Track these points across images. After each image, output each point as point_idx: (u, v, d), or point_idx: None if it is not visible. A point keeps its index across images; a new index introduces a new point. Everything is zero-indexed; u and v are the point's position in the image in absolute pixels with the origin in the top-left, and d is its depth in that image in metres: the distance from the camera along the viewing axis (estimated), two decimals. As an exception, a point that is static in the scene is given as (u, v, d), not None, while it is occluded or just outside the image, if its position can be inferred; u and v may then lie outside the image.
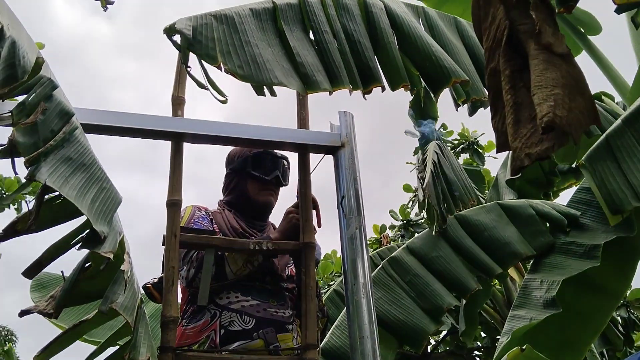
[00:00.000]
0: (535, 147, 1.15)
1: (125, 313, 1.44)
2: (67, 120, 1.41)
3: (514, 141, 1.19)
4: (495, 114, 1.35)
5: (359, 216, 1.87)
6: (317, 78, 1.90)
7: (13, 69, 1.24)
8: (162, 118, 1.81)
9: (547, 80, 1.14)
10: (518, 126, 1.19)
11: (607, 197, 2.57)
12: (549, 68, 1.17)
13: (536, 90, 1.14)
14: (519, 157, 1.17)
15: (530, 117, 1.17)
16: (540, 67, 1.17)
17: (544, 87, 1.13)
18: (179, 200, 1.80)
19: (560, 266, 3.15)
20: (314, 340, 1.77)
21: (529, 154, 1.15)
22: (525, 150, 1.16)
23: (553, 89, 1.13)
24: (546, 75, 1.15)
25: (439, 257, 3.47)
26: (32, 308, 1.47)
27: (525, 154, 1.16)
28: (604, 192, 2.57)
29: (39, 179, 1.26)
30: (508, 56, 1.28)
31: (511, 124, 1.21)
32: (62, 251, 1.51)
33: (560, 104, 1.11)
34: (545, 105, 1.10)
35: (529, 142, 1.16)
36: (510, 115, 1.22)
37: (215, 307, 1.98)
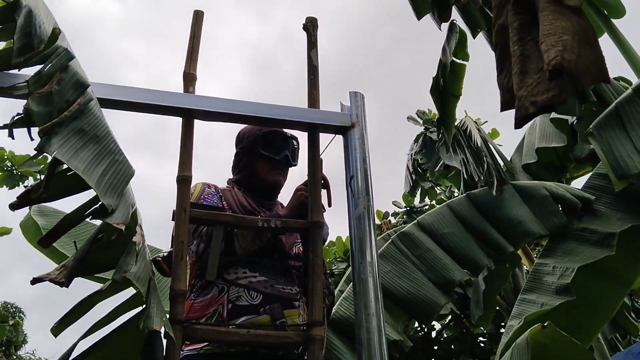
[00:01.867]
0: (542, 95, 1.12)
1: (139, 283, 1.46)
2: (83, 91, 1.42)
3: (520, 90, 1.17)
4: (502, 71, 1.32)
5: (367, 196, 1.88)
6: None
7: (29, 38, 1.25)
8: (173, 94, 1.82)
9: (555, 28, 1.11)
10: (524, 76, 1.16)
11: (613, 163, 2.53)
12: (559, 18, 1.14)
13: (544, 38, 1.11)
14: (524, 105, 1.15)
15: (538, 68, 1.14)
16: (550, 17, 1.14)
17: (553, 34, 1.10)
18: (189, 176, 1.81)
19: (574, 252, 3.12)
20: (320, 317, 1.79)
21: (535, 102, 1.13)
22: (530, 99, 1.13)
23: (562, 36, 1.10)
24: (555, 24, 1.12)
25: (451, 233, 3.45)
26: (44, 276, 1.49)
27: (530, 101, 1.13)
28: (611, 158, 2.54)
29: (47, 151, 1.27)
30: (517, 10, 1.25)
31: (517, 74, 1.18)
32: (77, 221, 1.54)
33: (569, 49, 1.08)
34: (553, 50, 1.07)
35: (535, 91, 1.13)
36: (516, 66, 1.19)
37: (223, 282, 2.01)
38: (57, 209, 3.94)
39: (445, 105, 4.16)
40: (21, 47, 1.26)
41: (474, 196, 3.65)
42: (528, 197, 3.57)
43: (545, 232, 3.37)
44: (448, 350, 7.12)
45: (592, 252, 3.03)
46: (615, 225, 3.07)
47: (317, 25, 2.11)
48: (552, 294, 2.93)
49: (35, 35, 1.29)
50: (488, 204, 3.57)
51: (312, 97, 2.03)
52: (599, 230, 3.13)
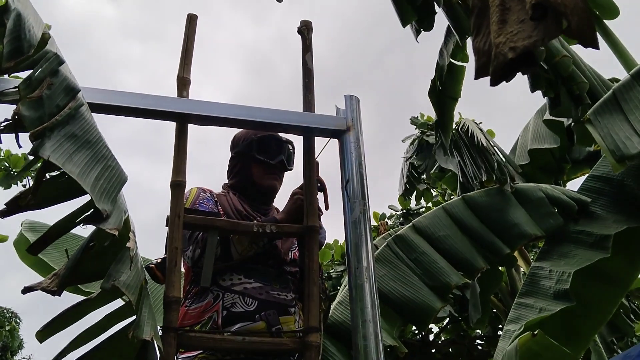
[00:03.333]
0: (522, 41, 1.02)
1: (128, 291, 1.43)
2: (73, 96, 1.40)
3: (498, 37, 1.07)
4: (478, 33, 1.21)
5: (363, 200, 1.86)
6: None
7: (19, 42, 1.23)
8: (166, 98, 1.80)
9: None
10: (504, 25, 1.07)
11: (612, 146, 2.51)
12: None
13: None
14: (502, 52, 1.04)
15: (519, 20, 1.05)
16: None
17: None
18: (183, 181, 1.79)
19: (570, 255, 3.11)
20: (316, 324, 1.77)
21: (514, 47, 1.03)
22: (509, 44, 1.03)
23: None
24: None
25: (446, 236, 3.43)
26: (36, 285, 1.47)
27: (509, 47, 1.03)
28: (609, 142, 2.51)
29: (42, 154, 1.25)
30: None
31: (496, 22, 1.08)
32: (68, 228, 1.52)
33: None
34: None
35: (515, 38, 1.04)
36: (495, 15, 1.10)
37: (218, 288, 1.99)
38: (48, 224, 3.92)
39: (443, 108, 4.15)
40: (11, 51, 1.24)
41: (470, 198, 3.64)
42: (524, 199, 3.56)
43: (541, 233, 3.36)
44: (446, 354, 7.11)
45: (588, 254, 3.02)
46: (611, 228, 3.06)
47: (312, 29, 2.10)
48: (550, 299, 2.91)
49: (25, 40, 1.27)
50: (484, 206, 3.56)
51: (307, 100, 2.02)
52: (594, 232, 3.12)
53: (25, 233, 3.79)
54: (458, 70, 4.09)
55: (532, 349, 2.37)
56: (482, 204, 3.58)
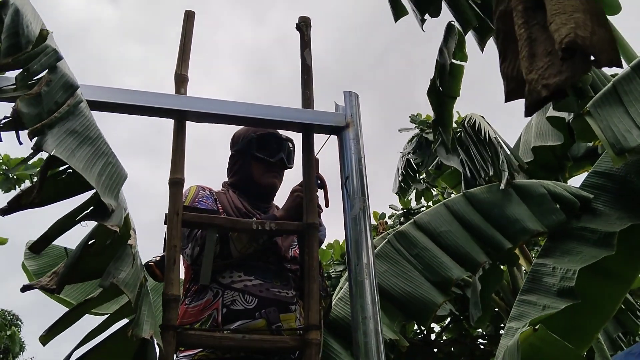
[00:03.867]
0: (554, 77, 1.06)
1: (127, 289, 1.43)
2: (72, 93, 1.39)
3: (529, 73, 1.10)
4: (505, 59, 1.25)
5: (363, 197, 1.85)
6: None
7: (16, 37, 1.23)
8: (164, 95, 1.79)
9: (565, 7, 1.05)
10: (533, 59, 1.10)
11: (612, 139, 2.49)
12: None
13: (553, 17, 1.05)
14: (535, 89, 1.08)
15: (547, 51, 1.08)
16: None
17: (562, 13, 1.04)
18: (182, 179, 1.78)
19: (573, 252, 3.08)
20: (316, 321, 1.76)
21: (547, 85, 1.06)
22: (542, 82, 1.07)
23: (572, 14, 1.04)
24: (564, 3, 1.06)
25: (448, 232, 3.40)
26: (35, 283, 1.47)
27: (542, 85, 1.07)
28: (609, 135, 2.50)
29: (45, 149, 1.25)
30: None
31: (525, 58, 1.11)
32: (69, 226, 1.51)
33: (582, 26, 1.01)
34: (565, 28, 1.00)
35: (546, 74, 1.07)
36: (524, 49, 1.12)
37: (218, 286, 1.98)
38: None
39: (443, 107, 4.14)
40: (8, 47, 1.23)
41: (471, 195, 3.63)
42: (526, 195, 3.54)
43: (543, 229, 3.34)
44: (448, 353, 7.09)
45: (592, 251, 2.99)
46: (615, 225, 3.03)
47: (311, 25, 2.09)
48: (554, 296, 2.88)
49: (23, 36, 1.26)
50: (485, 203, 3.54)
51: (306, 97, 2.01)
52: (598, 229, 3.09)
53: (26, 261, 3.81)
54: (457, 69, 4.08)
55: (534, 344, 2.35)
56: (484, 200, 3.56)
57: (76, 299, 3.56)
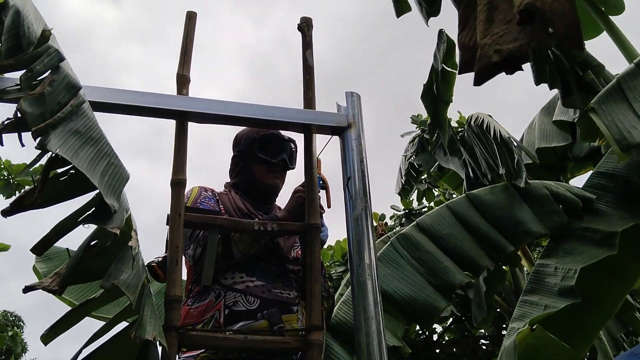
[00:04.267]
0: (508, 44, 1.01)
1: (128, 291, 1.42)
2: (75, 93, 1.39)
3: (483, 38, 1.05)
4: (464, 28, 1.20)
5: (365, 197, 1.85)
6: None
7: (17, 39, 1.23)
8: (166, 96, 1.79)
9: None
10: (490, 25, 1.05)
11: (617, 135, 2.48)
12: None
13: None
14: (487, 54, 1.03)
15: (505, 20, 1.03)
16: None
17: None
18: (183, 179, 1.78)
19: (575, 252, 3.08)
20: (318, 322, 1.76)
21: (500, 50, 1.01)
22: (495, 47, 1.02)
23: None
24: None
25: (450, 234, 3.41)
26: (37, 284, 1.46)
27: (495, 50, 1.01)
28: (614, 131, 2.49)
29: (49, 148, 1.25)
30: None
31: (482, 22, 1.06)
32: (70, 228, 1.51)
33: None
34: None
35: (501, 40, 1.02)
36: (482, 14, 1.08)
37: (220, 287, 1.98)
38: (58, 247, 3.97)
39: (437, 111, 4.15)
40: (10, 49, 1.23)
41: (474, 196, 3.62)
42: (528, 196, 3.54)
43: (545, 231, 3.34)
44: (450, 354, 7.09)
45: (594, 251, 2.99)
46: (617, 225, 3.03)
47: (312, 26, 2.09)
48: (555, 296, 2.88)
49: (24, 37, 1.26)
50: (488, 204, 3.54)
51: (307, 97, 2.01)
52: (600, 229, 3.09)
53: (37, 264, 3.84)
54: (449, 75, 4.08)
55: (531, 344, 2.36)
56: (487, 201, 3.56)
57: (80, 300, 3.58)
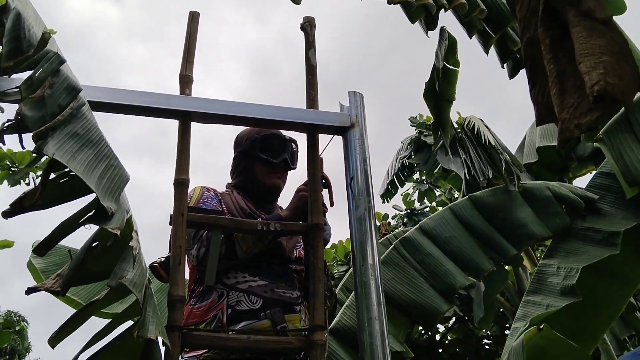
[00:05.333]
0: (585, 117, 1.10)
1: (135, 289, 1.43)
2: (75, 95, 1.39)
3: (561, 112, 1.15)
4: (534, 85, 1.30)
5: (368, 197, 1.85)
6: None
7: (18, 41, 1.23)
8: (169, 96, 1.79)
9: (592, 47, 1.09)
10: (564, 96, 1.15)
11: (624, 169, 2.51)
12: (593, 35, 1.12)
13: (582, 58, 1.09)
14: (568, 129, 1.13)
15: (575, 86, 1.13)
16: (584, 34, 1.12)
17: (590, 54, 1.08)
18: (187, 179, 1.78)
19: (578, 252, 3.08)
20: (321, 322, 1.76)
21: (579, 125, 1.11)
22: (574, 121, 1.12)
23: (600, 57, 1.08)
24: (591, 42, 1.10)
25: (453, 237, 3.43)
26: (40, 286, 1.47)
27: (574, 124, 1.11)
28: (621, 164, 2.51)
29: (46, 152, 1.25)
30: (547, 25, 1.23)
31: (556, 95, 1.16)
32: (72, 229, 1.51)
33: (610, 72, 1.06)
34: (595, 73, 1.05)
35: (577, 113, 1.12)
36: (555, 86, 1.17)
37: (223, 286, 1.98)
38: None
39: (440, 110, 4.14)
40: (10, 51, 1.23)
41: (476, 198, 3.62)
42: (531, 198, 3.55)
43: (548, 234, 3.35)
44: (453, 353, 7.08)
45: (597, 251, 3.00)
46: (620, 224, 3.03)
47: (315, 25, 2.09)
48: (557, 295, 2.89)
49: (25, 39, 1.26)
50: (491, 206, 3.55)
51: (310, 97, 2.01)
52: (603, 229, 3.09)
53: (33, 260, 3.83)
54: (451, 73, 4.07)
55: (538, 343, 2.36)
56: (489, 203, 3.57)
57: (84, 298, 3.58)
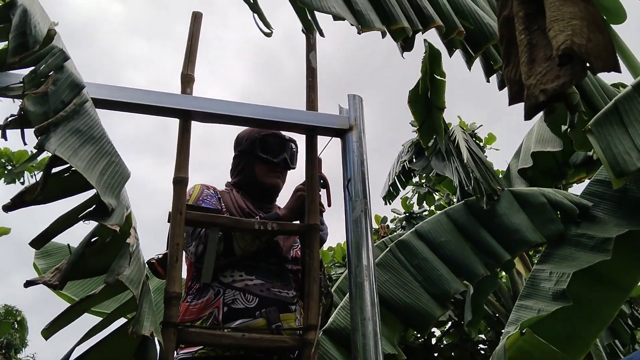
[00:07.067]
0: (552, 82, 1.09)
1: (132, 286, 1.44)
2: (78, 92, 1.41)
3: (528, 79, 1.14)
4: (508, 63, 1.29)
5: (364, 199, 1.87)
6: (370, 17, 1.90)
7: (24, 37, 1.25)
8: (170, 95, 1.81)
9: (563, 13, 1.09)
10: (532, 65, 1.14)
11: (611, 160, 2.50)
12: (566, 3, 1.12)
13: (552, 24, 1.09)
14: (533, 94, 1.12)
15: (546, 57, 1.12)
16: (556, 3, 1.12)
17: (560, 20, 1.08)
18: (186, 177, 1.80)
19: (570, 258, 3.11)
20: (316, 322, 1.78)
21: (545, 90, 1.10)
22: (540, 87, 1.10)
23: (570, 21, 1.08)
24: (562, 9, 1.10)
25: (448, 242, 3.45)
26: (38, 279, 1.48)
27: (540, 90, 1.10)
28: (609, 155, 2.51)
29: (48, 148, 1.27)
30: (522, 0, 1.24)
31: (525, 63, 1.15)
32: (70, 223, 1.52)
33: (579, 33, 1.05)
34: (562, 35, 1.05)
35: (544, 79, 1.11)
36: (524, 55, 1.17)
37: (219, 284, 2.00)
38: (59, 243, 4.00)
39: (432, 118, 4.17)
40: (16, 47, 1.25)
41: (472, 203, 3.65)
42: (526, 204, 3.57)
43: (542, 240, 3.38)
44: (448, 357, 7.09)
45: (589, 257, 3.03)
46: (612, 231, 3.06)
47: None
48: (549, 300, 2.91)
49: (31, 35, 1.28)
50: (486, 212, 3.57)
51: (310, 99, 2.03)
52: (596, 235, 3.12)
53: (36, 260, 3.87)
54: (439, 82, 4.09)
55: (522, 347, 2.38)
56: (484, 209, 3.59)
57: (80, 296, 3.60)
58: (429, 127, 4.20)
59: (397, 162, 7.54)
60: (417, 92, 4.08)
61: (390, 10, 1.96)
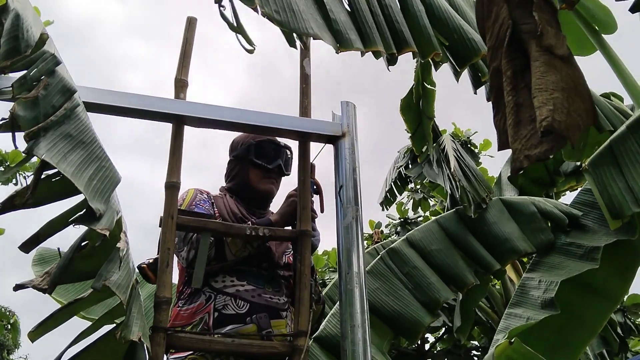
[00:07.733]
0: (535, 149, 1.17)
1: (119, 291, 1.44)
2: (69, 96, 1.41)
3: (514, 142, 1.22)
4: (497, 113, 1.37)
5: (356, 206, 1.87)
6: (349, 36, 1.90)
7: (16, 41, 1.24)
8: (163, 100, 1.81)
9: (547, 83, 1.16)
10: (518, 127, 1.22)
11: (608, 202, 2.59)
12: (550, 71, 1.19)
13: (536, 93, 1.16)
14: (518, 159, 1.20)
15: (531, 118, 1.19)
16: (541, 69, 1.19)
17: (544, 90, 1.15)
18: (178, 182, 1.80)
19: (560, 267, 3.15)
20: (306, 328, 1.78)
21: (529, 156, 1.18)
22: (524, 152, 1.19)
23: (552, 93, 1.15)
24: (546, 78, 1.17)
25: (438, 250, 3.48)
26: (27, 283, 1.48)
27: (524, 155, 1.18)
28: (606, 197, 2.59)
29: (36, 153, 1.26)
30: (510, 56, 1.30)
31: (512, 125, 1.23)
32: (61, 227, 1.52)
33: (559, 108, 1.13)
34: (545, 109, 1.12)
35: (528, 144, 1.19)
36: (510, 116, 1.24)
37: (211, 290, 2.00)
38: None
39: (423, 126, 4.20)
40: (8, 51, 1.25)
41: (463, 212, 3.67)
42: (516, 213, 3.61)
43: (532, 249, 3.42)
44: (441, 363, 7.10)
45: (577, 265, 3.08)
46: (601, 240, 3.11)
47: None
48: (537, 308, 2.95)
49: (23, 39, 1.28)
50: (476, 220, 3.61)
51: (303, 105, 2.04)
52: (585, 244, 3.18)
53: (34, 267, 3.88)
54: (429, 92, 4.12)
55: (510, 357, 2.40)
56: (475, 217, 3.61)
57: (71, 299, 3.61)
58: (421, 135, 4.24)
59: (394, 168, 7.56)
60: (409, 100, 4.12)
61: (367, 31, 1.97)
